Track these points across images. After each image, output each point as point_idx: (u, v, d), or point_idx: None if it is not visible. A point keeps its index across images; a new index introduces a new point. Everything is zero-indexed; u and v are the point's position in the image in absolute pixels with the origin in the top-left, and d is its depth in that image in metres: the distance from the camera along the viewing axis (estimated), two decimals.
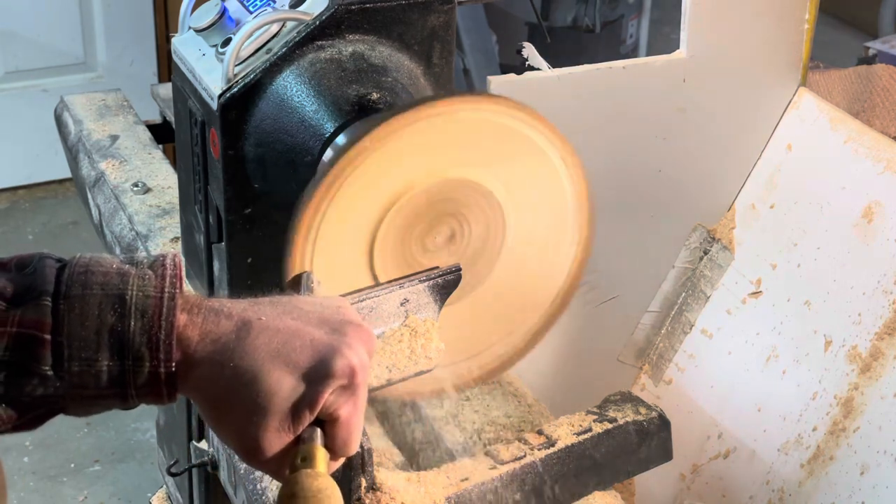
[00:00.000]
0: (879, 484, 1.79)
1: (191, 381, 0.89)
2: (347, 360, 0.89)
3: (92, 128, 2.13)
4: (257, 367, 0.88)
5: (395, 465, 1.52)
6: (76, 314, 0.86)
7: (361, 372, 0.90)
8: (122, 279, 0.88)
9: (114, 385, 0.87)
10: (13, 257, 0.91)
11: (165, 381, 0.88)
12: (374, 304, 1.11)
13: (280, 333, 0.89)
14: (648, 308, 2.17)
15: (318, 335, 0.90)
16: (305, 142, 1.24)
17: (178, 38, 1.46)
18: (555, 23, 4.02)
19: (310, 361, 0.89)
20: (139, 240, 1.79)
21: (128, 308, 0.87)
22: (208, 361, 0.88)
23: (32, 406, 0.89)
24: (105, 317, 0.86)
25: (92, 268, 0.88)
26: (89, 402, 0.89)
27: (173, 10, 3.71)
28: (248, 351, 0.88)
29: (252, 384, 0.88)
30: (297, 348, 0.89)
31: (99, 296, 0.87)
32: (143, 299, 0.87)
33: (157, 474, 2.23)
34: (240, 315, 0.90)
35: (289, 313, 0.91)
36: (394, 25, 1.33)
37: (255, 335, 0.89)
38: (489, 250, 1.21)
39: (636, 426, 1.38)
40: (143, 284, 0.88)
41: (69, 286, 0.87)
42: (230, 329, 0.89)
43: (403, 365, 1.12)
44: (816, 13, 2.04)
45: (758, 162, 2.10)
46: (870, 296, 1.87)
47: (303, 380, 0.88)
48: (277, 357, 0.88)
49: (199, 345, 0.88)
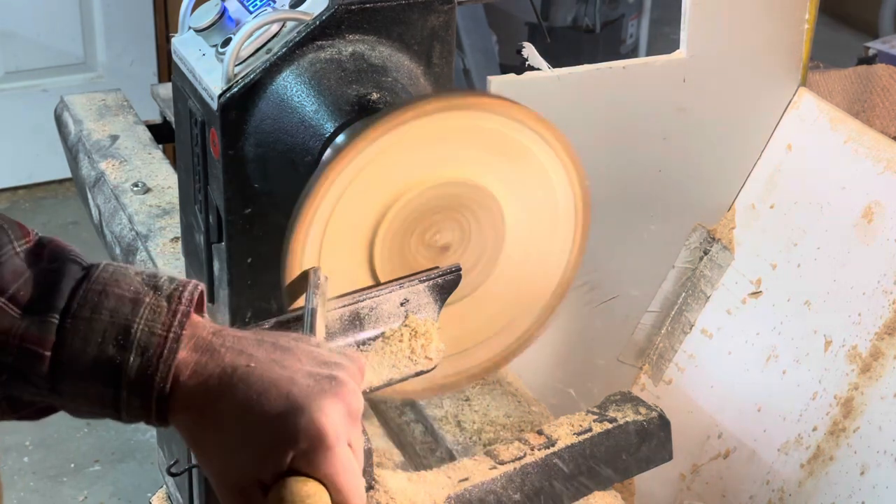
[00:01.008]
0: (879, 484, 1.79)
1: (176, 412, 0.89)
2: (311, 422, 0.86)
3: (92, 128, 2.13)
4: (230, 415, 0.87)
5: (395, 465, 1.52)
6: (80, 338, 0.86)
7: (331, 432, 0.86)
8: (134, 308, 0.88)
9: (106, 407, 0.88)
10: (51, 241, 0.91)
11: (157, 415, 0.88)
12: (374, 304, 1.11)
13: (260, 382, 0.88)
14: (648, 308, 2.17)
15: (295, 390, 0.87)
16: (305, 142, 1.24)
17: (178, 38, 1.46)
18: (555, 23, 4.02)
19: (276, 416, 0.87)
20: (139, 240, 1.79)
21: (130, 341, 0.87)
22: (190, 401, 0.88)
23: (32, 404, 0.90)
24: (106, 347, 0.86)
25: (109, 288, 0.88)
26: (85, 414, 0.90)
27: (173, 10, 3.71)
28: (226, 397, 0.87)
29: (224, 431, 0.88)
30: (270, 399, 0.87)
31: (105, 322, 0.87)
32: (147, 336, 0.87)
33: (157, 474, 2.23)
34: (231, 359, 0.89)
35: (281, 362, 0.90)
36: (394, 25, 1.32)
37: (235, 382, 0.88)
38: (489, 251, 1.21)
39: (636, 426, 1.38)
40: (153, 319, 0.88)
41: (80, 305, 0.87)
42: (216, 374, 0.88)
43: (404, 365, 1.12)
44: (816, 13, 2.04)
45: (758, 162, 2.10)
46: (870, 296, 1.87)
47: (266, 435, 0.87)
48: (250, 409, 0.87)
49: (188, 380, 0.88)
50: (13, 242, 0.89)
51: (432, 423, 1.49)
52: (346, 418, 0.88)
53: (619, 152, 1.96)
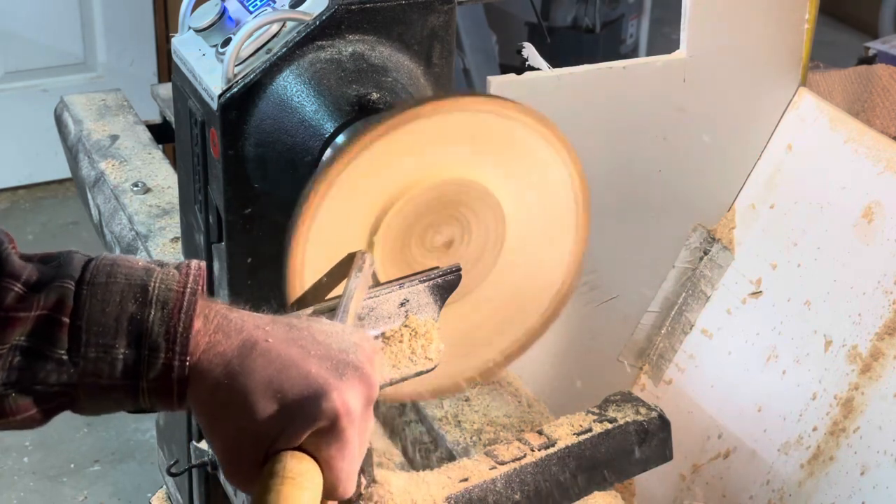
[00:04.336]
0: (879, 484, 1.79)
1: (192, 388, 0.89)
2: (332, 404, 0.88)
3: (92, 128, 2.13)
4: (249, 391, 0.88)
5: (395, 465, 1.52)
6: (98, 300, 0.87)
7: (346, 417, 0.88)
8: (147, 273, 0.89)
9: (127, 376, 0.88)
10: (35, 254, 0.92)
11: (178, 378, 0.88)
12: (374, 304, 1.11)
13: (279, 359, 0.89)
14: (648, 308, 2.17)
15: (314, 370, 0.89)
16: (305, 142, 1.24)
17: (178, 38, 1.46)
18: (555, 23, 4.02)
19: (297, 396, 0.88)
20: (139, 240, 1.79)
21: (149, 298, 0.88)
22: (208, 374, 0.89)
23: (44, 397, 0.89)
24: (126, 304, 0.87)
25: (119, 261, 0.90)
26: (101, 393, 0.89)
27: (173, 10, 3.71)
28: (245, 372, 0.88)
29: (241, 406, 0.88)
30: (290, 378, 0.88)
31: (122, 284, 0.88)
32: (165, 291, 0.88)
33: (157, 474, 2.23)
34: (249, 332, 0.90)
35: (297, 341, 0.91)
36: (394, 25, 1.32)
37: (254, 357, 0.89)
38: (489, 251, 1.21)
39: (636, 426, 1.38)
40: (167, 279, 0.89)
41: (94, 274, 0.88)
42: (234, 346, 0.89)
43: (404, 365, 1.12)
44: (816, 13, 2.04)
45: (758, 162, 2.10)
46: (870, 296, 1.87)
47: (286, 413, 0.88)
48: (270, 385, 0.88)
49: (203, 355, 0.89)
50: (5, 244, 0.90)
51: (432, 423, 1.49)
52: (361, 405, 0.90)
53: (619, 152, 1.96)
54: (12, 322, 0.86)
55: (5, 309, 0.87)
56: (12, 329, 0.87)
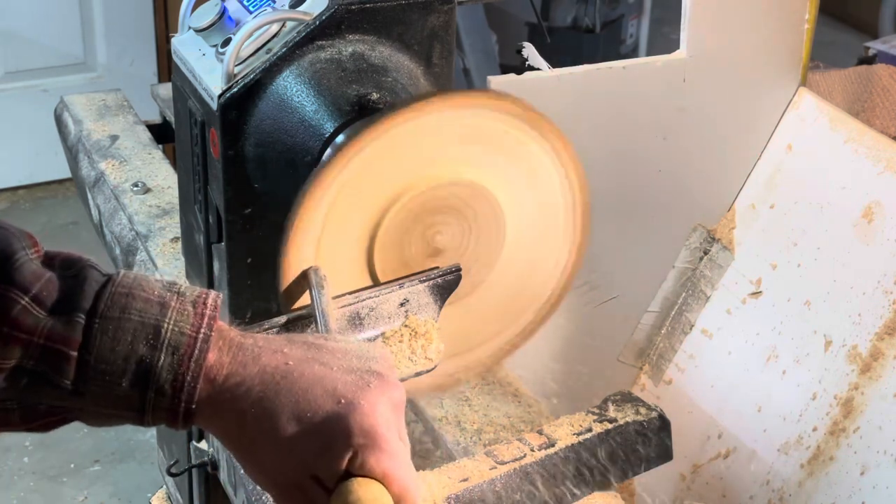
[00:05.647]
0: (879, 484, 1.79)
1: (210, 416, 0.89)
2: (364, 416, 0.87)
3: (92, 128, 2.13)
4: (276, 416, 0.88)
5: None
6: (108, 337, 0.86)
7: (383, 426, 0.88)
8: (162, 310, 0.88)
9: (131, 409, 0.88)
10: (59, 254, 0.91)
11: (183, 416, 0.88)
12: (374, 304, 1.11)
13: (303, 379, 0.89)
14: (648, 308, 2.17)
15: (340, 386, 0.89)
16: (305, 142, 1.24)
17: (178, 38, 1.46)
18: (555, 23, 4.02)
19: (327, 413, 0.87)
20: (139, 240, 1.79)
21: (161, 341, 0.87)
22: (229, 403, 0.88)
23: (47, 414, 0.90)
24: (137, 345, 0.86)
25: (134, 291, 0.88)
26: (104, 418, 0.89)
27: (173, 10, 3.71)
28: (270, 398, 0.88)
29: (272, 435, 0.88)
30: (317, 397, 0.88)
31: (135, 322, 0.87)
32: (177, 335, 0.87)
33: (157, 474, 2.23)
34: (267, 359, 0.89)
35: (318, 359, 0.90)
36: (394, 25, 1.33)
37: (277, 381, 0.88)
38: (489, 250, 1.21)
39: (636, 426, 1.38)
40: (181, 319, 0.88)
41: (108, 306, 0.87)
42: (254, 374, 0.89)
43: (404, 365, 1.12)
44: (816, 13, 2.04)
45: (758, 162, 2.10)
46: (870, 296, 1.87)
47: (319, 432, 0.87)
48: (297, 406, 0.88)
49: (223, 385, 0.88)
50: (26, 249, 0.89)
51: (432, 423, 1.49)
52: (392, 411, 0.90)
53: (619, 152, 1.96)
54: (14, 340, 0.86)
55: (9, 324, 0.86)
56: (13, 347, 0.86)
